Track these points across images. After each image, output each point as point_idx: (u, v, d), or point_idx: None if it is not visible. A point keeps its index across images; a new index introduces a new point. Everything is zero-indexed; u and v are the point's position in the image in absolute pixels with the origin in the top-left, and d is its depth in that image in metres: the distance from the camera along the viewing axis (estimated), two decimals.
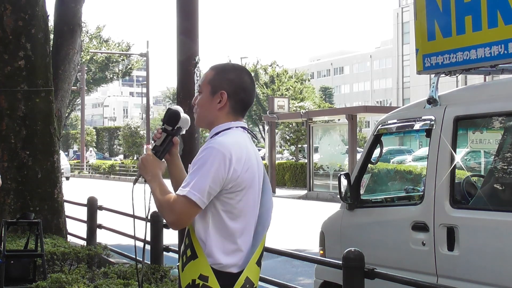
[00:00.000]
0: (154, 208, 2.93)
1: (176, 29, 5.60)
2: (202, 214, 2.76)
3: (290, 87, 55.30)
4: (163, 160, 2.94)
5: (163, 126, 2.95)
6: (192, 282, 2.75)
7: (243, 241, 2.79)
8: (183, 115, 2.95)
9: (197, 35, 5.60)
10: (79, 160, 48.49)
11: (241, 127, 2.87)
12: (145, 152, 2.93)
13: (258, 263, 2.88)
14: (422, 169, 11.22)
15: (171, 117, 2.94)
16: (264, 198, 2.90)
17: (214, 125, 2.87)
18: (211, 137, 2.86)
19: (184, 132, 3.01)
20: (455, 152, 4.58)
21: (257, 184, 2.84)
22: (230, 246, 2.77)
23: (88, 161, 48.50)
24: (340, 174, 5.32)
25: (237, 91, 2.87)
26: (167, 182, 2.93)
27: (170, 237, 8.09)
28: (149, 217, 3.02)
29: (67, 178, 38.43)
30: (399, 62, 77.87)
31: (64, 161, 38.55)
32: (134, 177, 2.99)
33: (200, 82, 2.94)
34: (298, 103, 38.29)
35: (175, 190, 2.92)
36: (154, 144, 2.95)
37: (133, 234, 9.84)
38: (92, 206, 9.89)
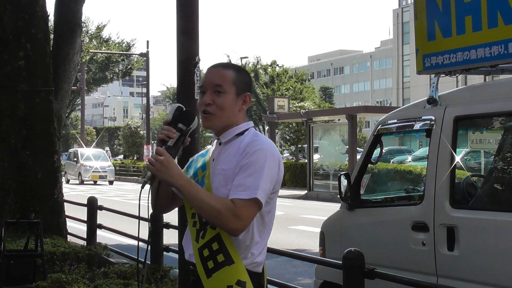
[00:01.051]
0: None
1: (176, 29, 5.59)
2: None
3: (290, 87, 55.29)
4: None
5: (177, 126, 2.75)
6: None
7: (268, 240, 2.83)
8: (196, 116, 2.83)
9: (197, 35, 5.59)
10: None
11: (252, 126, 2.88)
12: (156, 153, 2.69)
13: None
14: (422, 169, 11.22)
15: (187, 116, 2.77)
16: None
17: (231, 127, 2.81)
18: (229, 138, 2.80)
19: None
20: (455, 152, 4.58)
21: None
22: (262, 245, 2.78)
23: None
24: (340, 174, 5.32)
25: (250, 93, 2.90)
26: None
27: (170, 237, 8.09)
28: (149, 219, 2.87)
29: (111, 182, 35.19)
30: (399, 62, 77.88)
31: (108, 163, 35.91)
32: (143, 179, 2.73)
33: (221, 82, 2.79)
34: (298, 103, 38.28)
35: (164, 192, 2.82)
36: (167, 145, 2.72)
37: (133, 234, 9.75)
38: (92, 206, 9.89)
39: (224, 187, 2.72)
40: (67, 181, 35.49)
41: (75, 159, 36.06)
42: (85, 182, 34.89)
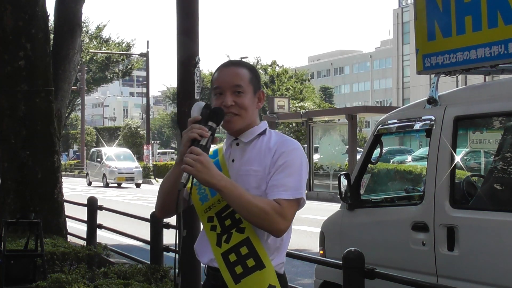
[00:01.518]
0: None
1: (176, 29, 5.59)
2: None
3: (290, 87, 55.32)
4: None
5: (208, 124, 2.59)
6: None
7: None
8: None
9: (197, 35, 5.59)
10: (79, 160, 48.45)
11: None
12: (191, 152, 2.51)
13: None
14: (422, 169, 11.22)
15: (218, 114, 2.62)
16: None
17: (251, 126, 2.75)
18: (252, 138, 2.74)
19: None
20: (455, 152, 4.58)
21: None
22: (287, 245, 2.76)
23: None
24: (340, 174, 5.32)
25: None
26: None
27: (170, 237, 8.09)
28: (181, 225, 2.62)
29: (138, 185, 31.86)
30: (399, 62, 77.90)
31: (135, 163, 32.71)
32: (181, 181, 2.51)
33: (241, 82, 2.71)
34: (298, 103, 38.32)
35: (169, 187, 2.69)
36: (200, 144, 2.54)
37: (133, 234, 9.72)
38: (92, 206, 9.89)
39: (256, 189, 2.64)
40: (89, 183, 33.56)
41: (99, 159, 33.09)
42: (110, 185, 31.89)
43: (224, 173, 2.69)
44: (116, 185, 32.05)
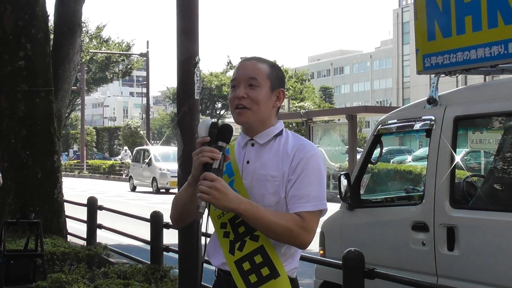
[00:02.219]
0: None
1: (176, 29, 5.59)
2: None
3: (290, 87, 55.29)
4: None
5: (218, 144, 2.49)
6: None
7: None
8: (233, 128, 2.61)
9: (197, 35, 5.59)
10: (79, 160, 48.47)
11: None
12: (207, 179, 2.44)
13: None
14: (422, 169, 11.22)
15: (227, 133, 2.52)
16: None
17: (266, 126, 2.68)
18: (268, 139, 2.67)
19: None
20: (455, 152, 4.58)
21: None
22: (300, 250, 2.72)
23: (123, 161, 42.73)
24: (340, 174, 5.32)
25: (284, 90, 2.77)
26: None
27: (170, 237, 8.09)
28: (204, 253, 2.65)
29: (159, 190, 26.52)
30: (399, 62, 77.88)
31: (169, 165, 25.67)
32: (199, 211, 2.45)
33: (256, 75, 2.64)
34: (298, 103, 38.31)
35: (183, 206, 2.66)
36: (213, 168, 2.45)
37: (133, 234, 9.73)
38: (92, 206, 9.89)
39: (273, 195, 2.58)
40: (133, 189, 28.71)
41: (146, 160, 27.95)
42: (161, 190, 26.74)
43: (236, 173, 2.64)
44: (163, 190, 26.89)
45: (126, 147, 46.26)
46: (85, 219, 10.04)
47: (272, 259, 2.57)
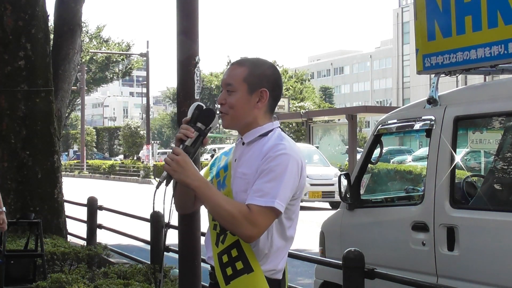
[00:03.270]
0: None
1: (176, 29, 5.59)
2: None
3: (290, 87, 55.32)
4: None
5: (194, 125, 2.63)
6: None
7: (291, 246, 2.74)
8: (216, 115, 2.70)
9: (197, 35, 5.59)
10: (79, 160, 48.48)
11: (279, 127, 2.75)
12: (173, 152, 2.57)
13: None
14: (422, 169, 11.22)
15: (207, 115, 2.64)
16: None
17: (252, 127, 2.69)
18: (252, 139, 2.69)
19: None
20: (455, 152, 4.58)
21: None
22: (284, 252, 2.68)
23: (143, 161, 42.26)
24: (340, 174, 5.32)
25: (274, 88, 2.72)
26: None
27: (170, 237, 8.09)
28: (169, 222, 2.75)
29: (334, 205, 17.33)
30: (399, 62, 77.88)
31: (333, 169, 19.10)
32: (159, 180, 2.60)
33: (231, 80, 2.67)
34: (298, 103, 38.33)
35: (184, 192, 2.73)
36: (184, 144, 2.60)
37: (133, 234, 9.70)
38: (92, 206, 9.89)
39: (244, 193, 2.62)
40: None
41: None
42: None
43: (228, 170, 2.71)
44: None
45: (145, 146, 44.26)
46: (85, 219, 10.04)
47: (246, 254, 2.60)
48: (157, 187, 2.61)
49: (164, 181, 2.59)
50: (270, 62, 2.80)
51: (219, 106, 2.72)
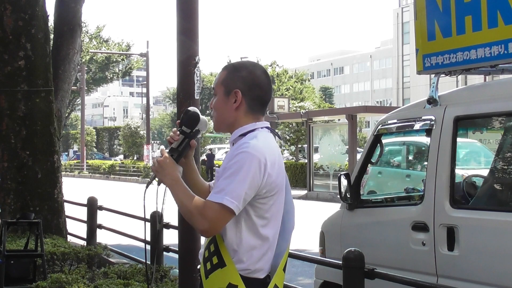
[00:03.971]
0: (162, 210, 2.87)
1: (176, 29, 5.60)
2: (234, 220, 2.65)
3: (290, 87, 55.34)
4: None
5: (181, 128, 2.80)
6: None
7: (271, 245, 2.73)
8: (202, 117, 2.82)
9: (197, 35, 5.60)
10: (79, 160, 48.48)
11: (266, 127, 2.78)
12: (159, 154, 2.76)
13: (284, 269, 2.82)
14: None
15: (190, 119, 2.80)
16: (287, 200, 2.83)
17: (235, 127, 2.77)
18: (234, 139, 2.77)
19: (200, 135, 2.92)
20: (455, 152, 4.58)
21: (284, 187, 2.78)
22: (261, 251, 2.69)
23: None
24: (340, 174, 5.32)
25: (251, 88, 2.77)
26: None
27: (170, 237, 8.09)
28: (162, 221, 2.98)
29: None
30: (399, 62, 77.88)
31: None
32: (147, 180, 2.88)
33: (214, 85, 2.83)
34: (298, 103, 38.30)
35: (192, 185, 2.89)
36: (170, 147, 2.79)
37: (133, 234, 9.72)
38: (92, 206, 9.89)
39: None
40: None
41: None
42: None
43: None
44: None
45: (162, 147, 44.38)
46: (85, 219, 10.04)
47: (220, 249, 2.68)
48: (146, 186, 2.81)
49: (153, 181, 2.80)
50: (253, 64, 2.85)
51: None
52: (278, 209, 2.74)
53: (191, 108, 2.84)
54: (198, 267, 2.82)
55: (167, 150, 2.78)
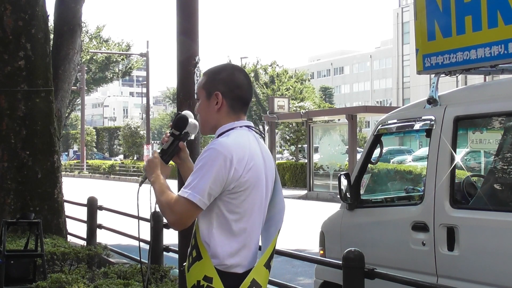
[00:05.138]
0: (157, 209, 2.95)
1: (176, 29, 5.60)
2: (206, 215, 2.76)
3: (290, 87, 55.31)
4: (169, 164, 2.98)
5: (171, 130, 2.98)
6: (197, 283, 2.75)
7: (248, 241, 2.77)
8: (191, 120, 2.95)
9: (197, 35, 5.60)
10: (79, 160, 48.48)
11: (246, 126, 2.86)
12: (151, 155, 2.97)
13: (267, 266, 2.85)
14: (422, 169, 11.22)
15: (178, 122, 2.96)
16: (276, 198, 2.90)
17: (217, 128, 2.87)
18: (216, 138, 2.87)
19: (192, 137, 3.04)
20: (455, 152, 4.58)
21: (263, 184, 2.81)
22: (234, 246, 2.75)
23: None
24: (340, 174, 5.31)
25: (231, 89, 2.85)
26: (173, 184, 2.96)
27: (170, 237, 8.09)
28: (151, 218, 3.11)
29: None
30: (399, 62, 77.87)
31: None
32: (140, 179, 3.04)
33: (196, 90, 2.99)
34: (298, 103, 38.30)
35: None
36: (161, 148, 2.98)
37: (133, 234, 9.74)
38: (92, 206, 9.89)
39: None
40: None
41: None
42: None
43: None
44: None
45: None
46: (85, 219, 10.04)
47: (198, 243, 2.79)
48: (140, 185, 3.03)
49: (145, 180, 2.98)
50: (230, 66, 2.97)
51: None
52: (254, 204, 2.78)
53: (183, 112, 3.00)
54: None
55: (158, 151, 2.96)
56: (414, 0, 5.23)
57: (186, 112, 2.99)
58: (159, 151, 2.98)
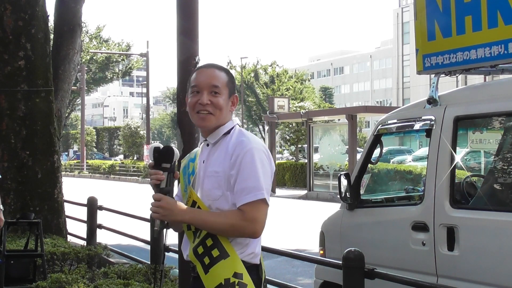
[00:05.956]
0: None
1: (176, 29, 5.60)
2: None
3: (290, 87, 55.30)
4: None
5: (161, 166, 2.84)
6: (226, 282, 2.74)
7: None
8: (174, 148, 2.90)
9: (197, 35, 5.60)
10: (79, 160, 48.47)
11: (237, 124, 2.97)
12: (155, 200, 2.80)
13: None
14: (422, 169, 11.22)
15: (168, 154, 2.85)
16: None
17: (219, 125, 2.91)
18: (219, 138, 2.91)
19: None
20: (455, 152, 4.58)
21: None
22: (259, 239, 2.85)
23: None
24: (340, 174, 5.32)
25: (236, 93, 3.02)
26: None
27: (170, 237, 8.09)
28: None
29: None
30: (399, 62, 77.87)
31: None
32: (155, 228, 2.88)
33: (218, 83, 2.89)
34: (298, 103, 38.29)
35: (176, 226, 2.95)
36: (160, 188, 2.83)
37: (133, 234, 9.70)
38: (92, 206, 9.88)
39: (217, 189, 2.82)
40: None
41: None
42: None
43: (195, 172, 2.91)
44: None
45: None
46: (85, 219, 10.03)
47: (221, 241, 2.77)
48: (156, 235, 2.94)
49: (163, 229, 2.89)
50: None
51: (201, 106, 2.87)
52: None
53: (157, 145, 2.88)
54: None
55: (158, 192, 2.82)
56: (414, 0, 5.23)
57: (160, 145, 2.89)
58: (157, 192, 2.82)
